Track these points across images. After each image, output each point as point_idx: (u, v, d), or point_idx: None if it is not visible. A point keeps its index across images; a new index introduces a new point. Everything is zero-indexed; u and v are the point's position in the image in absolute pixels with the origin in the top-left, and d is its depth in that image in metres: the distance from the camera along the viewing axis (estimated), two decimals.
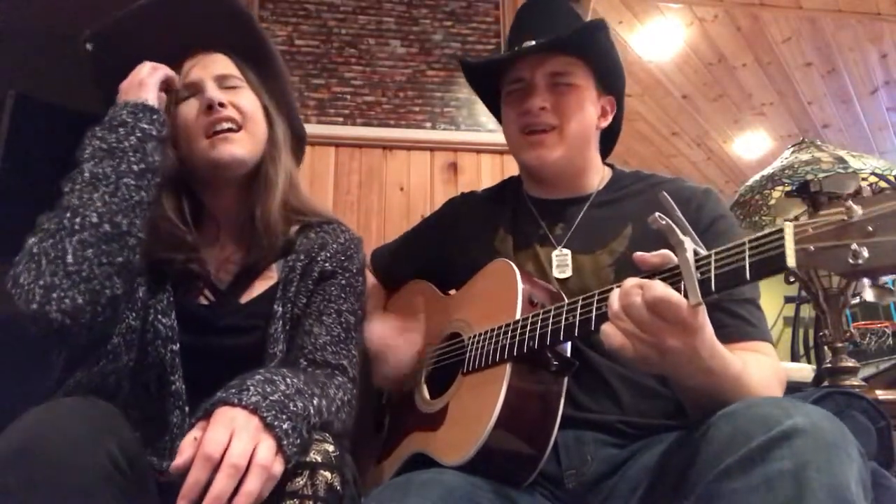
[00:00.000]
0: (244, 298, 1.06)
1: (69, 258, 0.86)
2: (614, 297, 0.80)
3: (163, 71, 1.04)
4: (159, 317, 0.99)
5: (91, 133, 0.97)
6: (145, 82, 1.01)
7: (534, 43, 1.15)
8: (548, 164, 1.15)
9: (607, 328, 0.80)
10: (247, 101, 1.08)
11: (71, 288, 0.85)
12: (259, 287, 1.07)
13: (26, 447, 0.71)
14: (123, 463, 0.74)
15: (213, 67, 1.08)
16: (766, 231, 0.71)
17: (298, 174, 1.18)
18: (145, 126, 0.97)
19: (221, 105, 1.04)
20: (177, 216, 1.05)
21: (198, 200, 1.10)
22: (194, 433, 0.76)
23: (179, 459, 0.73)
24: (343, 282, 1.09)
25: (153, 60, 1.05)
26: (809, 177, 1.71)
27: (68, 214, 0.89)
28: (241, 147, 1.05)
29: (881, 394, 1.59)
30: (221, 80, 1.07)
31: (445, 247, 1.30)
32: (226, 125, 1.04)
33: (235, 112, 1.05)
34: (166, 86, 1.06)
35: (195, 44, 1.09)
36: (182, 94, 1.07)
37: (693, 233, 0.79)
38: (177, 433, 0.95)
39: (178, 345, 0.98)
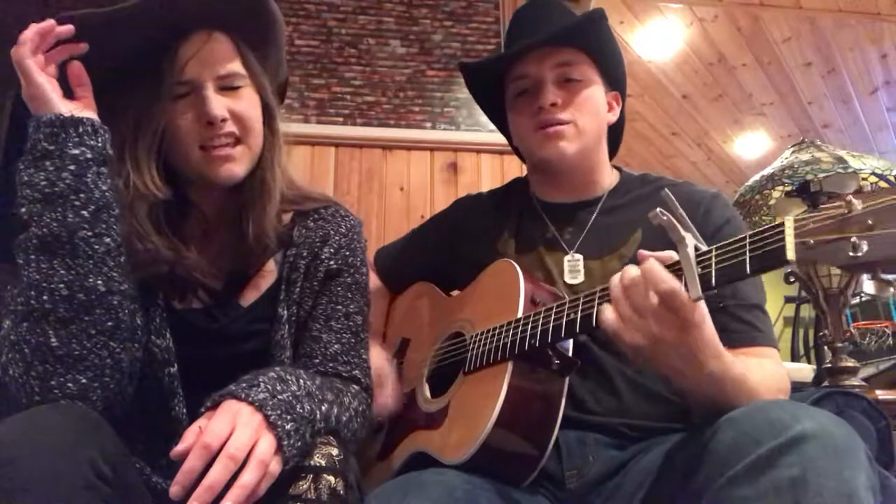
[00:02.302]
0: (243, 299, 1.00)
1: (53, 342, 0.79)
2: (616, 279, 0.82)
3: (46, 62, 0.84)
4: (153, 338, 0.92)
5: (19, 172, 0.83)
6: (35, 84, 0.83)
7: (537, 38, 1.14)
8: (567, 157, 1.13)
9: (604, 306, 0.82)
10: (247, 105, 0.97)
11: (68, 371, 0.79)
12: (258, 285, 1.02)
13: (2, 457, 0.67)
14: (107, 471, 0.70)
15: (214, 64, 0.94)
16: (767, 226, 0.72)
17: (289, 165, 1.07)
18: (75, 152, 0.82)
19: (223, 120, 0.93)
20: (150, 225, 0.92)
21: (181, 192, 0.99)
22: (200, 422, 0.75)
23: (181, 446, 0.72)
24: (349, 280, 1.05)
25: (140, 44, 0.89)
26: (809, 177, 1.71)
27: (33, 293, 0.79)
28: (239, 164, 0.96)
29: (881, 394, 1.60)
30: (223, 81, 0.95)
31: (449, 248, 1.30)
32: (224, 140, 0.94)
33: (236, 126, 0.95)
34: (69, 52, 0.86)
35: (192, 22, 0.93)
36: (177, 90, 0.93)
37: (694, 229, 0.79)
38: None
39: (175, 367, 0.93)
